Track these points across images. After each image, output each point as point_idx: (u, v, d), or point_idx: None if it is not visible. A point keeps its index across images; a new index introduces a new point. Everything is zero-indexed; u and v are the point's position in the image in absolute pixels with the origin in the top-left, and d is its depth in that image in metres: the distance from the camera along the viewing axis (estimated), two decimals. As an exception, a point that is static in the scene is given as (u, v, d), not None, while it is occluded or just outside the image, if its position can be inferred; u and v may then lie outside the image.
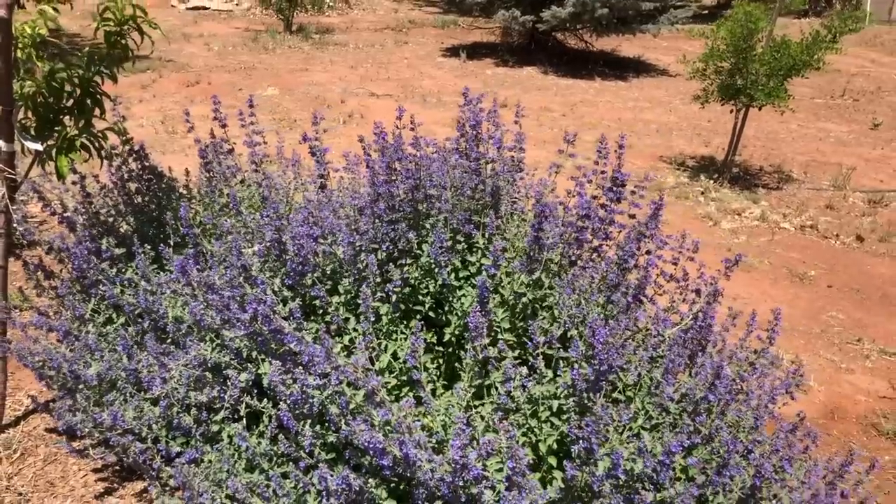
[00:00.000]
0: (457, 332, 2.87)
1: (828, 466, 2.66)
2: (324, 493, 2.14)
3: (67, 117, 3.01)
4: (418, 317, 2.85)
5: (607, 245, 3.06)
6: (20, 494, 2.95)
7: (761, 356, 2.88)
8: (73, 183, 3.48)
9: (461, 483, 2.04)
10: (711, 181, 7.90)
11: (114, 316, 3.13)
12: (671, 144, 9.42)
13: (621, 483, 2.24)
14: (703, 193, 7.59)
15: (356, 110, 9.55)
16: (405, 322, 2.87)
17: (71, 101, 2.99)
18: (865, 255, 6.37)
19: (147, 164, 3.67)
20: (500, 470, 2.19)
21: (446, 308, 2.91)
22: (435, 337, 2.94)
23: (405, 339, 2.78)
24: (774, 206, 7.37)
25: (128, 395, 2.80)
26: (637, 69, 14.33)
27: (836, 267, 6.07)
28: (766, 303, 5.28)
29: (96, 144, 3.05)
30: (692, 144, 9.48)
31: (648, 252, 2.96)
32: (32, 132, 2.95)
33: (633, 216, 3.02)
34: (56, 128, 2.95)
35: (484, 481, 2.10)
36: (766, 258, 6.14)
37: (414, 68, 12.98)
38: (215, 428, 2.62)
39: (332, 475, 2.10)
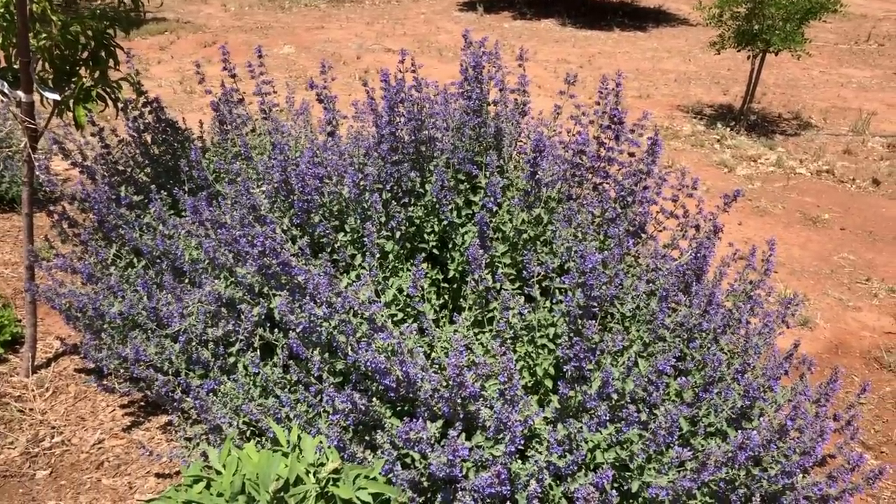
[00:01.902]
0: (460, 269, 2.97)
1: (819, 390, 2.75)
2: (332, 413, 2.28)
3: (83, 69, 3.12)
4: (422, 255, 2.96)
5: (608, 184, 3.13)
6: (53, 427, 3.14)
7: (757, 287, 2.96)
8: (93, 135, 3.61)
9: (459, 401, 2.16)
10: (728, 129, 7.87)
11: (134, 260, 3.27)
12: (689, 93, 9.36)
13: (615, 403, 2.35)
14: (719, 141, 7.57)
15: (372, 66, 9.59)
16: (410, 261, 2.98)
17: (86, 52, 3.10)
18: (881, 199, 6.35)
19: (163, 116, 3.79)
20: (499, 392, 2.31)
21: (450, 246, 3.01)
22: (440, 274, 3.05)
23: (410, 276, 2.89)
24: (791, 153, 7.34)
25: (149, 332, 2.96)
26: (657, 19, 14.15)
27: (851, 210, 6.07)
28: (778, 246, 5.32)
29: (112, 95, 3.16)
30: (710, 93, 9.41)
31: (647, 188, 3.03)
32: (50, 83, 3.07)
33: (632, 154, 3.09)
34: (73, 79, 3.07)
35: (481, 400, 2.22)
36: (780, 203, 6.15)
37: (430, 23, 12.93)
38: (231, 360, 2.77)
39: (338, 395, 2.24)
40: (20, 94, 2.95)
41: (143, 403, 3.30)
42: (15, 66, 3.02)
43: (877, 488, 2.98)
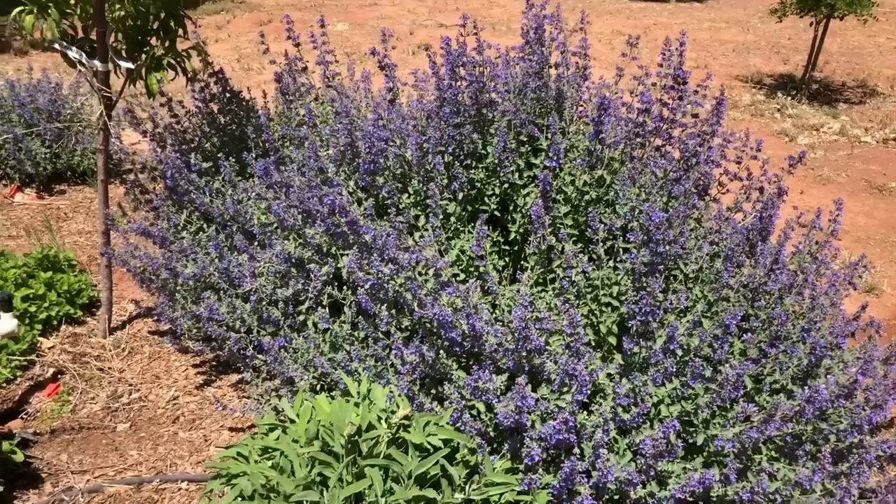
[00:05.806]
0: (521, 231, 3.00)
1: (889, 350, 2.71)
2: (401, 364, 2.34)
3: (154, 39, 3.22)
4: (484, 216, 3.00)
5: (670, 146, 3.11)
6: (131, 385, 3.28)
7: (823, 248, 2.92)
8: (161, 105, 3.73)
9: (524, 354, 2.20)
10: (789, 98, 7.68)
11: (205, 226, 3.39)
12: (748, 63, 9.15)
13: (680, 359, 2.36)
14: (779, 110, 7.40)
15: (425, 41, 9.60)
16: (472, 223, 3.02)
17: (156, 23, 3.20)
18: (952, 167, 6.14)
19: (228, 86, 3.88)
20: (564, 345, 2.34)
21: (511, 208, 3.04)
22: (501, 237, 3.09)
23: (473, 236, 2.93)
24: (855, 121, 7.13)
25: (221, 292, 3.06)
26: (714, -11, 13.82)
27: (920, 179, 5.89)
28: (842, 213, 5.19)
29: (181, 64, 3.26)
30: (770, 62, 9.18)
31: (711, 148, 3.01)
32: (123, 54, 3.18)
33: (695, 115, 3.06)
34: (144, 49, 3.17)
35: (545, 354, 2.26)
36: (843, 171, 6.00)
37: (482, -2, 12.86)
38: (301, 318, 2.85)
39: (406, 348, 2.30)
40: (97, 63, 3.06)
41: (214, 363, 3.42)
42: (90, 37, 3.14)
43: (947, 452, 2.92)
